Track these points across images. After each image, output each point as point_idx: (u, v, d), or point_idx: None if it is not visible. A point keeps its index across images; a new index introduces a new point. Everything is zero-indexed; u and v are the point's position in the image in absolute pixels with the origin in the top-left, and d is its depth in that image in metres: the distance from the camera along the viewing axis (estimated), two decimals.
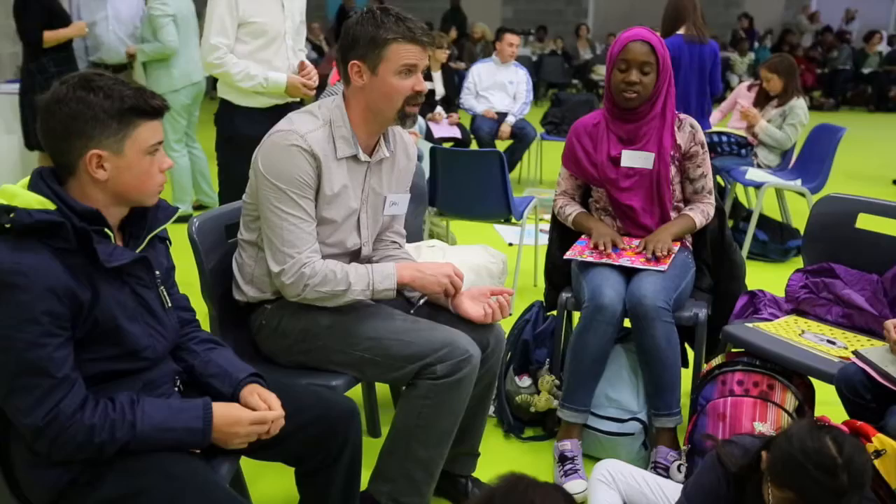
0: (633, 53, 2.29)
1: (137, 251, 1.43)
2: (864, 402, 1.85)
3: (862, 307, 2.23)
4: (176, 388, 1.52)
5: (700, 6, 4.43)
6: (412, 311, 1.99)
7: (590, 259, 2.31)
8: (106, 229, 1.36)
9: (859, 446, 1.30)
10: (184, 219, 2.06)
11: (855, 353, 1.95)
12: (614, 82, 2.35)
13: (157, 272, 1.48)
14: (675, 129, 2.41)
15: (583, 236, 2.46)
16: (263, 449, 1.52)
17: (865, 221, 2.35)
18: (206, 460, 1.43)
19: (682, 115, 2.45)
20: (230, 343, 1.93)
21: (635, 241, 2.39)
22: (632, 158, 2.40)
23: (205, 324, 1.86)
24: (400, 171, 2.04)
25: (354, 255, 2.00)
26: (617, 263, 2.29)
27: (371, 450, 1.95)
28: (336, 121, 1.87)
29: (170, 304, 1.51)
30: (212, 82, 4.19)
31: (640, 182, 2.40)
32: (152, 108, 1.37)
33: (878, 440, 1.64)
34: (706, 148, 2.46)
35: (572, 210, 2.51)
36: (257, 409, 1.48)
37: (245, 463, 1.77)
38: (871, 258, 2.28)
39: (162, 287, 1.50)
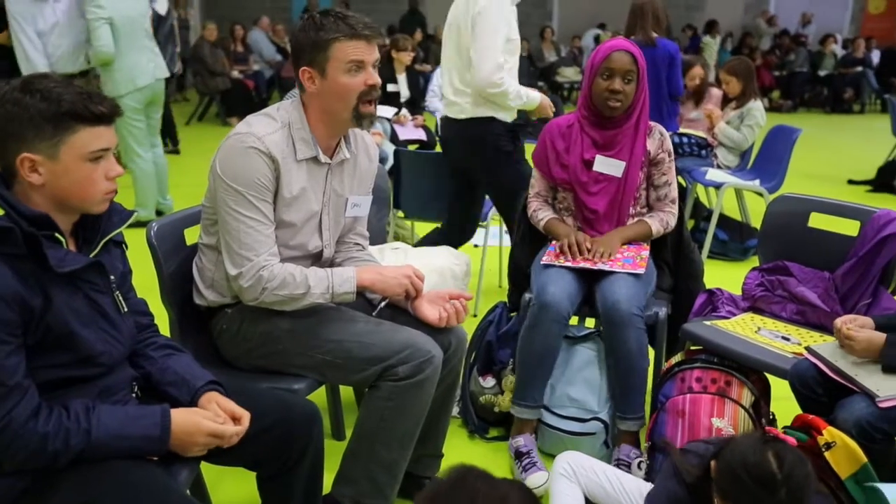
0: (618, 62, 2.33)
1: (91, 256, 1.41)
2: (815, 397, 1.90)
3: (815, 304, 2.28)
4: (133, 395, 1.50)
5: (655, 11, 4.51)
6: (374, 314, 1.99)
7: (567, 264, 2.31)
8: (57, 234, 1.34)
9: (801, 462, 1.30)
10: (146, 224, 2.03)
11: (807, 349, 2.00)
12: (597, 90, 2.37)
13: (112, 277, 1.46)
14: (646, 135, 2.45)
15: (553, 241, 2.47)
16: (223, 454, 1.50)
17: (818, 220, 2.41)
18: (164, 466, 1.42)
19: (653, 123, 2.49)
20: (191, 348, 1.92)
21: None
22: (603, 164, 2.42)
23: (165, 329, 1.84)
24: (362, 173, 2.04)
25: (316, 258, 2.00)
26: (595, 268, 2.29)
27: (336, 453, 1.95)
28: (295, 123, 1.86)
29: (126, 309, 1.49)
30: (175, 84, 4.12)
31: (607, 188, 2.44)
32: (93, 113, 1.33)
33: (829, 433, 1.69)
34: (672, 157, 2.50)
35: (545, 215, 2.52)
36: (216, 417, 1.46)
37: (206, 468, 1.75)
38: (824, 256, 2.34)
39: (117, 292, 1.48)
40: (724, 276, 3.60)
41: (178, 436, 1.40)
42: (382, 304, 2.01)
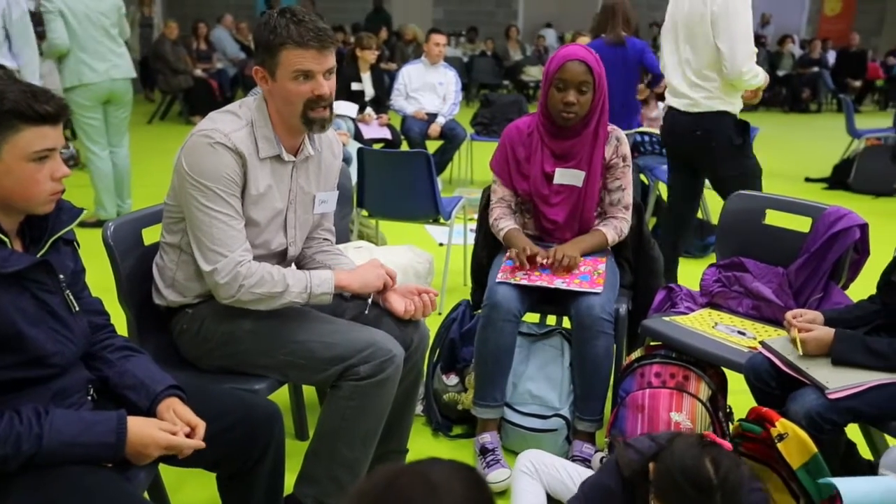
0: (571, 73, 2.30)
1: (39, 255, 1.38)
2: (769, 390, 1.94)
3: (769, 299, 2.34)
4: (89, 397, 1.48)
5: (625, 13, 4.60)
6: (366, 311, 1.99)
7: (523, 282, 2.29)
8: (0, 234, 1.32)
9: (736, 466, 1.33)
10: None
11: (762, 343, 2.04)
12: (552, 102, 2.36)
13: (62, 276, 1.44)
14: (605, 142, 2.44)
15: (507, 255, 2.44)
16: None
17: (772, 217, 2.46)
18: (120, 469, 1.40)
19: (611, 128, 2.47)
20: (150, 348, 1.91)
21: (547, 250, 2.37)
22: (564, 176, 2.43)
23: (123, 329, 1.82)
24: (327, 169, 2.04)
25: (280, 257, 1.99)
26: (552, 286, 2.28)
27: (299, 452, 1.94)
28: (258, 121, 1.85)
29: (77, 308, 1.47)
30: (140, 83, 4.07)
31: (567, 199, 2.44)
32: (37, 113, 1.29)
33: (781, 424, 1.73)
34: (628, 162, 2.48)
35: (506, 225, 2.49)
36: (172, 424, 1.45)
37: (167, 470, 1.74)
38: (778, 252, 2.39)
39: (68, 291, 1.45)
40: (684, 273, 3.67)
41: (133, 445, 1.38)
42: (370, 300, 2.00)
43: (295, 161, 1.92)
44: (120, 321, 1.83)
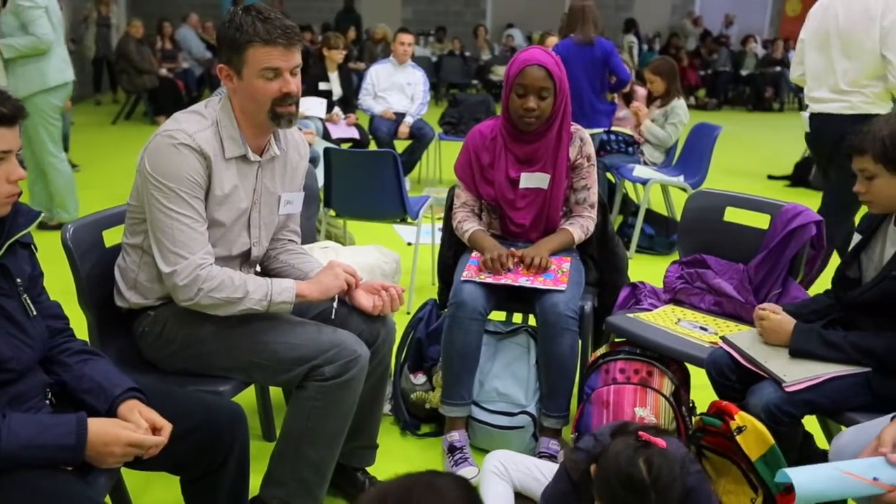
0: (531, 79, 2.29)
1: None
2: (730, 384, 1.98)
3: (730, 295, 2.38)
4: (47, 401, 1.46)
5: (595, 18, 4.68)
6: (333, 317, 1.97)
7: (488, 280, 2.30)
8: None
9: (669, 466, 1.36)
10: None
11: (722, 338, 2.08)
12: (513, 107, 2.35)
13: (19, 280, 1.42)
14: (569, 143, 2.45)
15: (474, 254, 2.45)
16: (144, 459, 1.47)
17: (732, 214, 2.51)
18: (80, 474, 1.38)
19: (575, 128, 2.47)
20: (112, 351, 1.89)
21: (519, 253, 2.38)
22: (529, 180, 2.43)
23: (84, 333, 1.80)
24: (293, 170, 2.03)
25: (244, 258, 1.98)
26: (516, 284, 2.29)
27: (266, 454, 1.94)
28: (223, 121, 1.84)
29: (35, 313, 1.45)
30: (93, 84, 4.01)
31: (533, 202, 2.46)
32: None
33: (740, 417, 1.77)
34: (593, 161, 2.49)
35: (470, 227, 2.49)
36: (138, 426, 1.43)
37: (130, 474, 1.72)
38: (738, 249, 2.44)
39: (25, 295, 1.43)
40: (650, 270, 3.72)
41: (95, 446, 1.36)
42: (335, 304, 1.99)
43: (261, 161, 1.91)
44: (80, 324, 1.80)
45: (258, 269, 2.10)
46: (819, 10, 3.49)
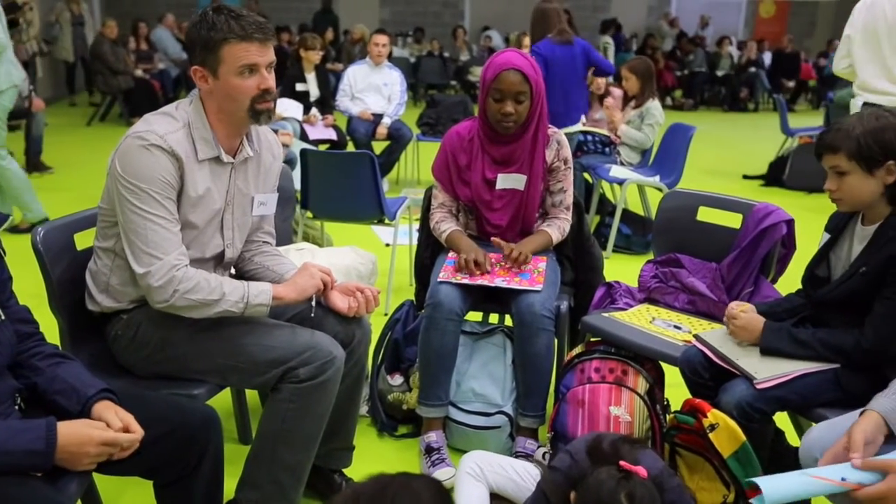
0: (507, 84, 2.29)
1: None
2: (703, 382, 2.00)
3: (704, 293, 2.40)
4: (16, 407, 1.44)
5: (569, 19, 4.70)
6: (312, 315, 1.97)
7: (464, 281, 2.30)
8: None
9: (652, 497, 1.35)
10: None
11: (695, 336, 2.11)
12: (490, 112, 2.36)
13: None
14: (546, 146, 2.46)
15: (451, 254, 2.46)
16: (116, 464, 1.46)
17: (705, 214, 2.53)
18: (50, 480, 1.36)
19: (552, 131, 2.49)
20: (84, 355, 1.88)
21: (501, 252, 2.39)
22: (506, 181, 2.45)
23: (55, 337, 1.78)
24: (266, 171, 2.03)
25: (218, 260, 1.97)
26: (492, 285, 2.30)
27: (243, 456, 1.92)
28: (195, 122, 1.83)
29: (3, 318, 1.43)
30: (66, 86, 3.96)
31: (510, 203, 2.47)
32: None
33: (713, 415, 1.79)
34: (569, 165, 2.51)
35: (447, 227, 2.50)
36: (112, 426, 1.42)
37: (103, 480, 1.70)
38: (711, 248, 2.46)
39: None
40: (627, 270, 3.75)
41: (67, 448, 1.35)
42: (314, 303, 1.99)
43: (234, 162, 1.90)
44: (52, 329, 1.78)
45: (233, 271, 2.09)
46: (863, 6, 3.54)
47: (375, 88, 6.02)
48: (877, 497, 1.38)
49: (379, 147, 5.95)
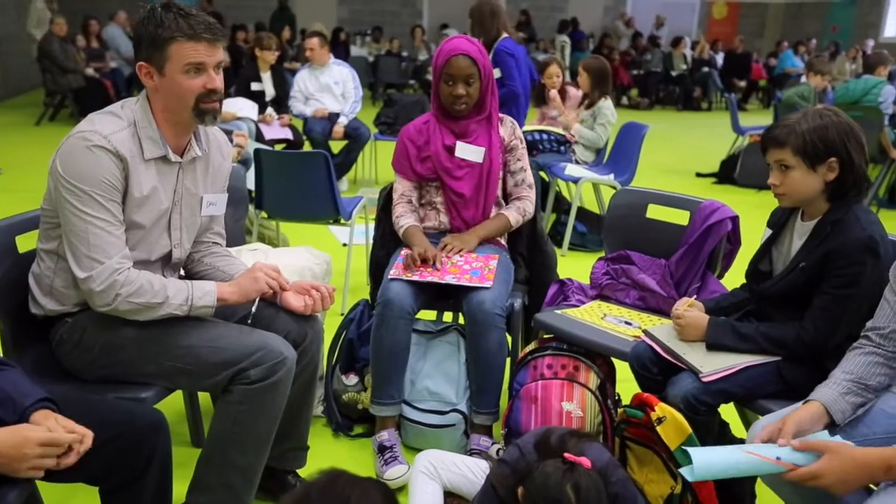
0: (457, 68, 2.41)
1: None
2: (651, 376, 2.04)
3: (653, 290, 2.45)
4: None
5: (508, 17, 4.74)
6: (249, 322, 1.96)
7: (415, 278, 2.32)
8: None
9: (597, 487, 1.38)
10: None
11: (644, 331, 2.14)
12: (443, 95, 2.47)
13: None
14: (499, 125, 2.57)
15: (403, 251, 2.47)
16: (57, 472, 1.42)
17: (654, 211, 2.58)
18: None
19: (503, 115, 2.61)
20: (28, 360, 1.84)
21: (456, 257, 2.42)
22: (465, 150, 2.52)
23: None
24: (216, 171, 2.01)
25: (166, 261, 1.94)
26: (443, 282, 2.32)
27: (195, 460, 1.89)
28: (140, 121, 1.80)
29: None
30: None
31: (471, 174, 2.52)
32: None
33: (660, 408, 1.82)
34: (524, 143, 2.64)
35: (406, 222, 2.53)
36: (52, 430, 1.38)
37: (47, 488, 1.66)
38: (660, 245, 2.51)
39: None
40: (582, 267, 3.77)
41: (5, 454, 1.31)
42: (254, 307, 1.98)
43: (181, 162, 1.88)
44: None
45: (182, 272, 2.06)
46: None
47: (327, 88, 5.98)
48: (809, 477, 1.41)
49: (336, 147, 5.92)
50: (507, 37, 4.65)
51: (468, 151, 2.52)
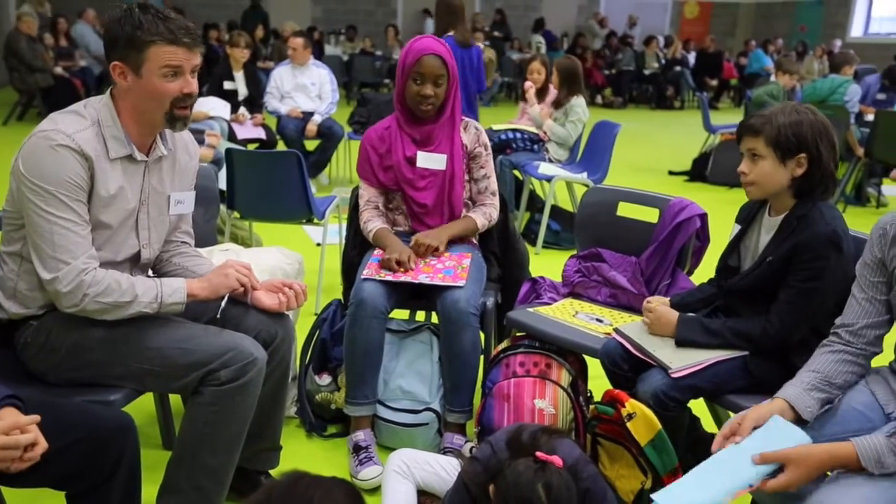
0: (428, 67, 2.38)
1: None
2: (622, 373, 2.06)
3: (624, 287, 2.47)
4: None
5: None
6: (218, 317, 1.94)
7: (388, 278, 2.31)
8: None
9: (568, 486, 1.39)
10: None
11: (615, 329, 2.16)
12: (409, 94, 2.43)
13: None
14: (462, 130, 2.54)
15: (377, 252, 2.47)
16: (21, 476, 1.40)
17: (625, 209, 2.60)
18: None
19: (467, 119, 2.58)
20: None
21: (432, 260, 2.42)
22: (427, 160, 2.49)
23: None
24: (182, 170, 1.99)
25: (134, 261, 1.92)
26: (416, 282, 2.32)
27: (167, 462, 1.88)
28: (105, 120, 1.78)
29: None
30: None
31: (433, 182, 2.50)
32: None
33: (630, 405, 1.84)
34: (489, 150, 2.60)
35: (374, 226, 2.52)
36: (11, 430, 1.36)
37: (11, 493, 1.64)
38: (631, 242, 2.53)
39: None
40: (556, 265, 3.78)
41: None
42: (223, 304, 1.96)
43: (147, 161, 1.86)
44: None
45: (150, 273, 2.04)
46: None
47: (302, 88, 5.96)
48: (781, 489, 1.44)
49: (311, 146, 5.89)
50: (450, 35, 4.64)
51: (430, 161, 2.49)
